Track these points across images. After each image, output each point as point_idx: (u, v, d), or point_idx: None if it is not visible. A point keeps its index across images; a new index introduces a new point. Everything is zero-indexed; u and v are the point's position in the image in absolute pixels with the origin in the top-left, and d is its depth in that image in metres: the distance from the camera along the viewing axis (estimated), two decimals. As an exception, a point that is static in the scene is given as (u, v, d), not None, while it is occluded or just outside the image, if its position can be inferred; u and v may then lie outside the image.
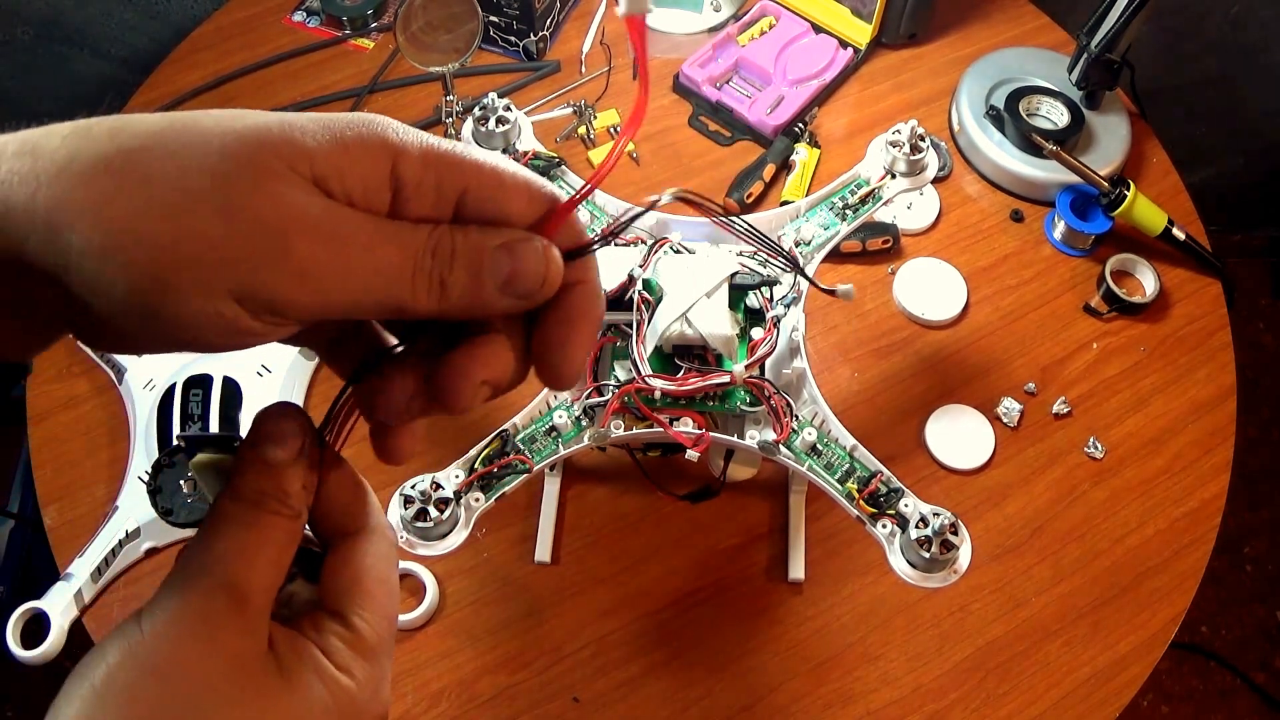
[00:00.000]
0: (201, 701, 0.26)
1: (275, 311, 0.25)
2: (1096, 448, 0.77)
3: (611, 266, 0.59)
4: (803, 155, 0.90)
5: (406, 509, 0.52)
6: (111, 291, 0.23)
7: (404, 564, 0.69)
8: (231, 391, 0.72)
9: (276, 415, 0.30)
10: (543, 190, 0.29)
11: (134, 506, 0.69)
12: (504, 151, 0.63)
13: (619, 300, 0.58)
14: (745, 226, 0.56)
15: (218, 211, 0.23)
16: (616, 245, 0.62)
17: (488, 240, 0.28)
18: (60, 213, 0.23)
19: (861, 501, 0.54)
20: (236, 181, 0.24)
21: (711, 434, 0.56)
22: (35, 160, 0.23)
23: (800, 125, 0.91)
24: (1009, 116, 0.88)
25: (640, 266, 0.58)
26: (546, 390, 0.58)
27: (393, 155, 0.26)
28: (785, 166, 0.90)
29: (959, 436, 0.76)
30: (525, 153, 0.63)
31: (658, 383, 0.55)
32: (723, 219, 0.52)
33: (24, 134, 0.24)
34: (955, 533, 0.52)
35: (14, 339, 0.27)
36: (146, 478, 0.66)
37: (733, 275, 0.58)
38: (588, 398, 0.57)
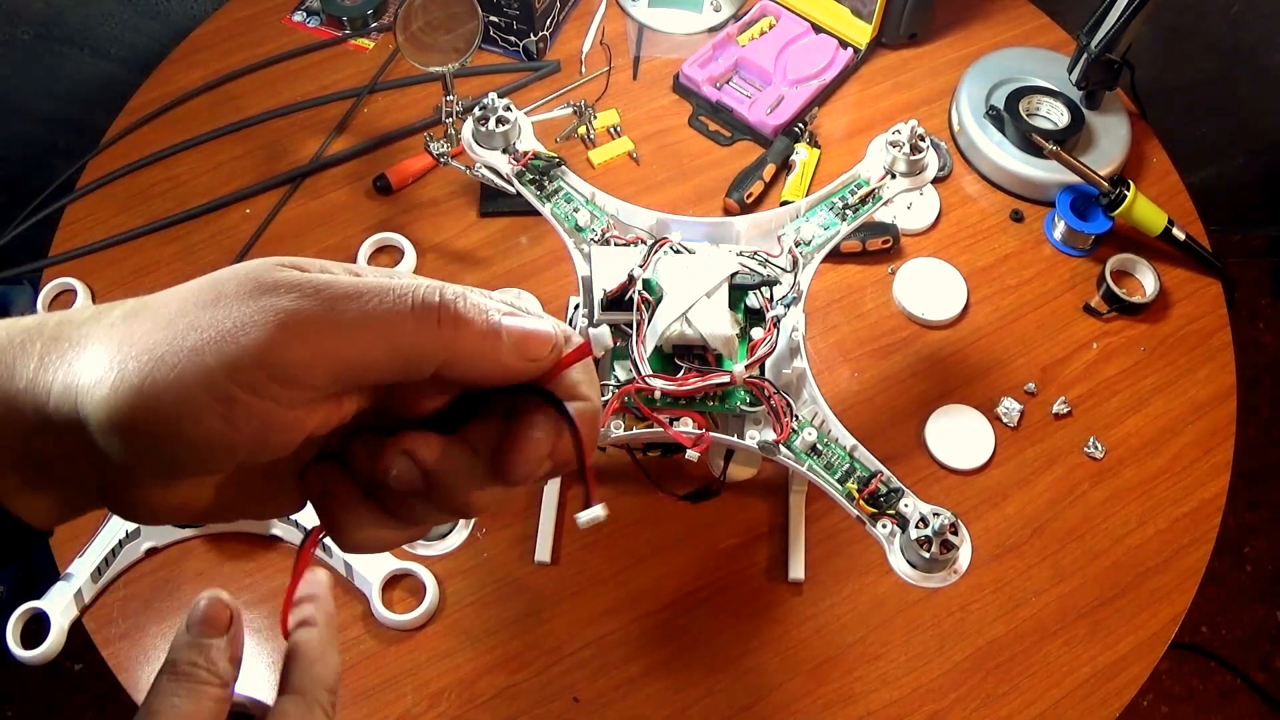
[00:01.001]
0: None
1: (293, 386, 0.26)
2: (1096, 448, 0.77)
3: (611, 266, 0.59)
4: (803, 155, 0.90)
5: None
6: (120, 434, 0.26)
7: (404, 564, 0.69)
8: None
9: (211, 601, 0.33)
10: (555, 345, 0.30)
11: (134, 506, 0.69)
12: (504, 152, 0.63)
13: (619, 300, 0.58)
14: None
15: (216, 311, 0.26)
16: (616, 245, 0.62)
17: (498, 310, 0.29)
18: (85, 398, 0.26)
19: (861, 501, 0.54)
20: (226, 293, 0.26)
21: (711, 434, 0.56)
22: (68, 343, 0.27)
23: (800, 125, 0.91)
24: (1009, 116, 0.88)
25: (640, 266, 0.58)
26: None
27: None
28: (785, 166, 0.90)
29: (959, 436, 0.76)
30: (525, 153, 0.63)
31: (658, 383, 0.55)
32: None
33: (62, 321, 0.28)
34: (955, 533, 0.52)
35: (47, 506, 0.29)
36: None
37: (733, 275, 0.58)
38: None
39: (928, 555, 0.52)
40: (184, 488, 0.29)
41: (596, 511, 0.33)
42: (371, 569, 0.68)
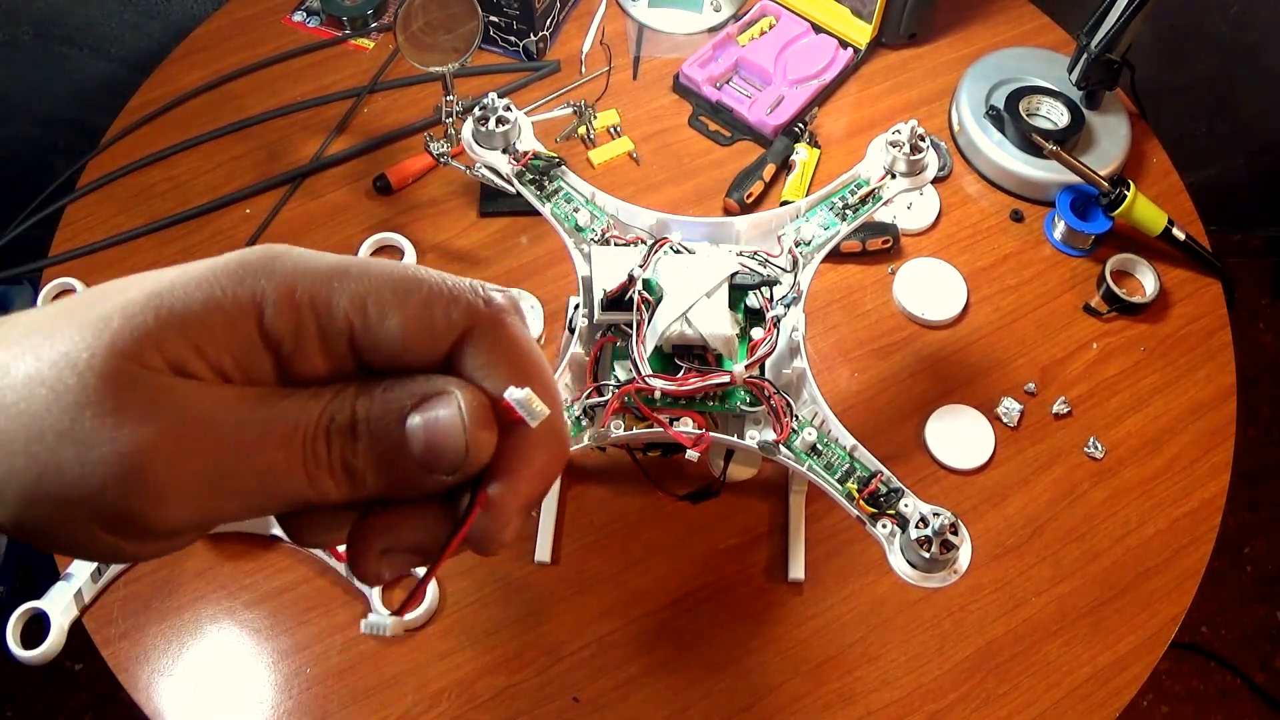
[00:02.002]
0: None
1: (151, 534, 0.22)
2: (1096, 448, 0.77)
3: (611, 266, 0.59)
4: (803, 155, 0.89)
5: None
6: (2, 526, 0.22)
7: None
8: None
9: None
10: (462, 302, 0.24)
11: (134, 506, 0.69)
12: (504, 152, 0.63)
13: (619, 300, 0.58)
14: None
15: (62, 440, 0.21)
16: (616, 245, 0.62)
17: (396, 403, 0.23)
18: None
19: (861, 501, 0.54)
20: (82, 405, 0.21)
21: (711, 434, 0.56)
22: None
23: (800, 125, 0.91)
24: (1009, 116, 0.88)
25: (640, 266, 0.58)
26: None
27: (256, 309, 0.23)
28: (785, 166, 0.90)
29: (959, 436, 0.76)
30: (525, 153, 0.63)
31: (658, 383, 0.55)
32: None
33: None
34: (955, 533, 0.52)
35: None
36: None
37: (733, 275, 0.58)
38: (588, 398, 0.57)
39: (928, 555, 0.52)
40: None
41: (385, 622, 0.26)
42: (371, 569, 0.68)
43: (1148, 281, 0.85)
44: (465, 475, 0.24)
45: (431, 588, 0.68)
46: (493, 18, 0.93)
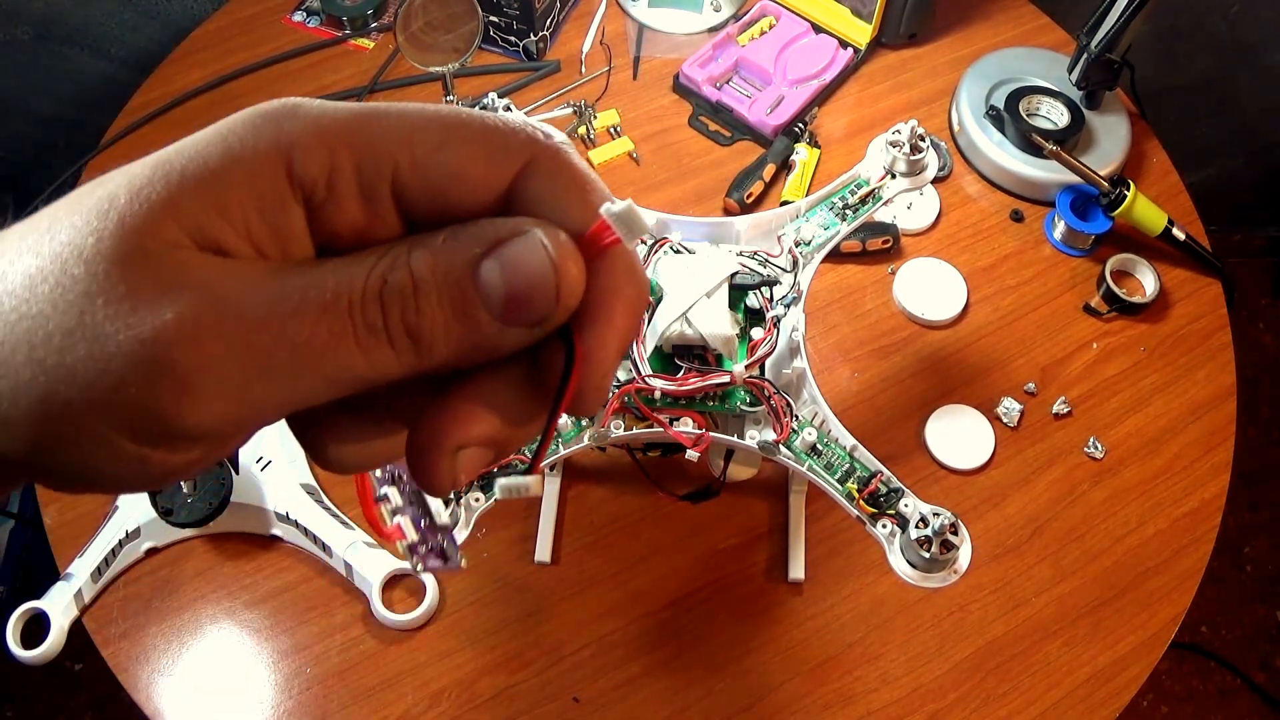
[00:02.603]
0: None
1: (183, 437, 0.19)
2: (1096, 448, 0.77)
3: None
4: (803, 155, 0.89)
5: (406, 509, 0.52)
6: (11, 457, 0.19)
7: (404, 564, 0.69)
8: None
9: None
10: (520, 135, 0.21)
11: (134, 506, 0.69)
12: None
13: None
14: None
15: (71, 339, 0.18)
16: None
17: (461, 253, 0.20)
18: None
19: (861, 501, 0.54)
20: (92, 295, 0.18)
21: (711, 434, 0.56)
22: None
23: (800, 125, 0.91)
24: (1009, 116, 0.88)
25: (640, 266, 0.58)
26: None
27: (282, 154, 0.19)
28: (785, 166, 0.90)
29: (959, 436, 0.76)
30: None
31: (658, 383, 0.55)
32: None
33: None
34: (955, 533, 0.52)
35: None
36: (146, 478, 0.66)
37: (733, 275, 0.58)
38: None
39: (928, 555, 0.52)
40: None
41: (525, 481, 0.23)
42: (372, 569, 0.68)
43: (1148, 281, 0.85)
44: (553, 325, 0.20)
45: (431, 588, 0.68)
46: (493, 18, 0.93)
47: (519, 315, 0.20)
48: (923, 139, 0.63)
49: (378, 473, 0.26)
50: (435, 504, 0.26)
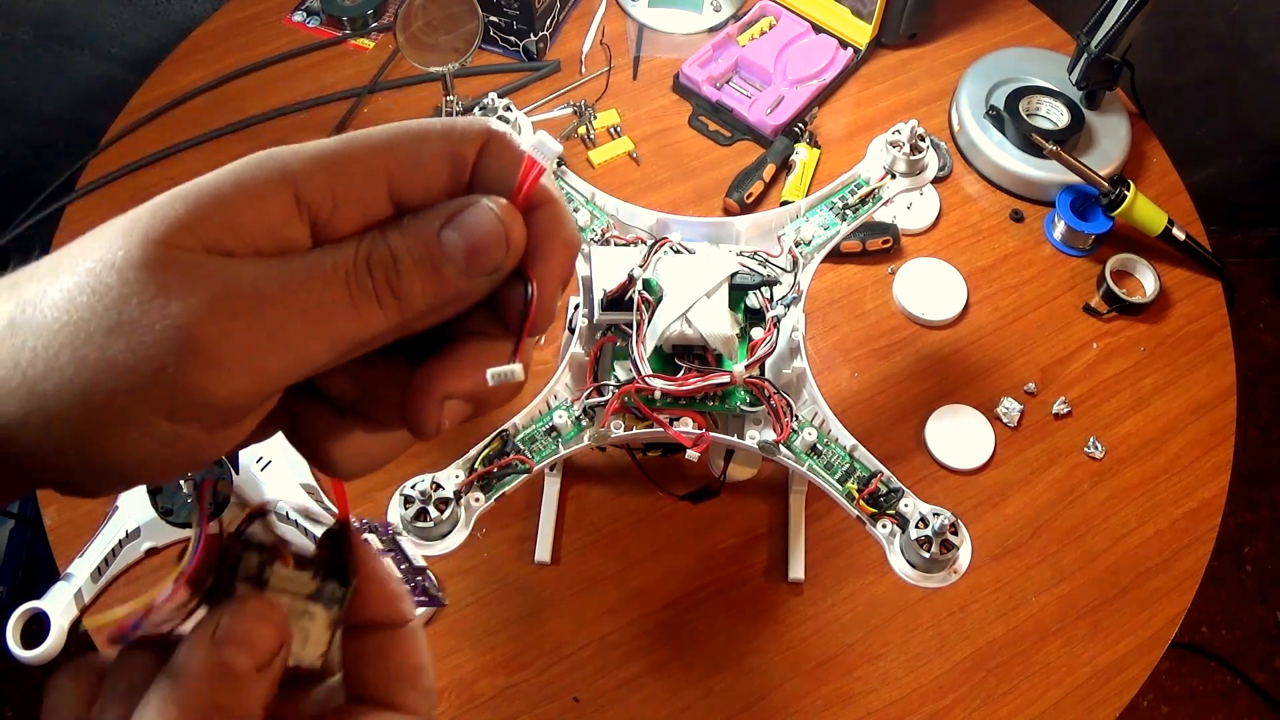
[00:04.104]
0: None
1: (214, 410, 0.22)
2: (1096, 448, 0.77)
3: (611, 266, 0.59)
4: (803, 155, 0.90)
5: (406, 509, 0.52)
6: (45, 457, 0.22)
7: (404, 564, 0.69)
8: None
9: (250, 615, 0.25)
10: (466, 131, 0.26)
11: (134, 506, 0.69)
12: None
13: (619, 300, 0.58)
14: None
15: (111, 335, 0.21)
16: (616, 245, 0.62)
17: (428, 226, 0.24)
18: None
19: (861, 501, 0.54)
20: (127, 296, 0.21)
21: (711, 434, 0.56)
22: None
23: (800, 125, 0.91)
24: (1009, 116, 0.88)
25: (640, 266, 0.58)
26: (547, 390, 0.58)
27: (290, 184, 0.23)
28: (785, 166, 0.90)
29: (959, 436, 0.76)
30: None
31: (658, 383, 0.55)
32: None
33: None
34: (955, 533, 0.52)
35: None
36: (146, 478, 0.66)
37: (733, 275, 0.58)
38: (588, 398, 0.57)
39: (928, 555, 0.52)
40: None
41: (513, 367, 0.26)
42: (371, 569, 0.68)
43: (1148, 281, 0.85)
44: (505, 271, 0.25)
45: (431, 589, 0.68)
46: (493, 18, 0.93)
47: (479, 265, 0.24)
48: (923, 139, 0.63)
49: (356, 522, 0.30)
50: (410, 549, 0.28)
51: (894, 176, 0.64)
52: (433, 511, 0.52)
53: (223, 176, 0.23)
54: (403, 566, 0.26)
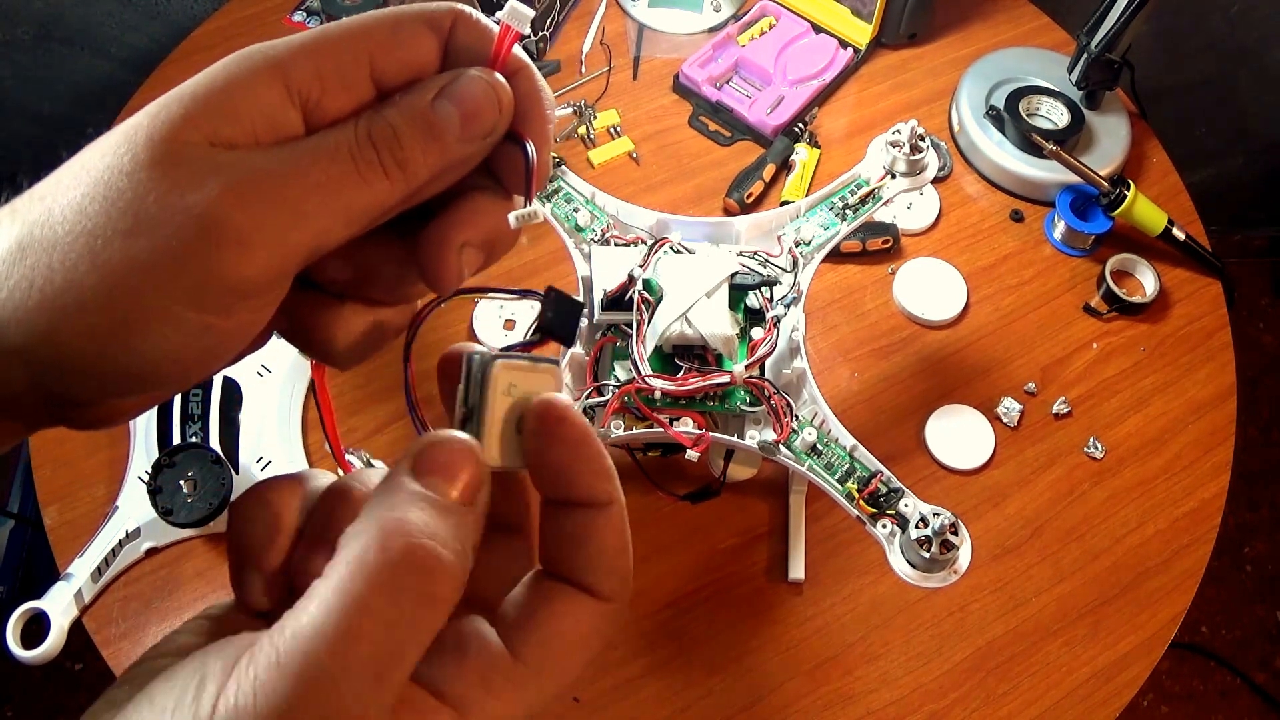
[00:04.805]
0: None
1: (240, 291, 0.23)
2: (1096, 448, 0.77)
3: (611, 266, 0.59)
4: (803, 155, 0.90)
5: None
6: (70, 374, 0.23)
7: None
8: (232, 392, 0.72)
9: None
10: (436, 11, 0.27)
11: (134, 506, 0.69)
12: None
13: (619, 300, 0.58)
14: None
15: (130, 236, 0.22)
16: (616, 245, 0.62)
17: (420, 98, 0.26)
18: None
19: (861, 501, 0.54)
20: (142, 196, 0.22)
21: (711, 434, 0.56)
22: None
23: (800, 125, 0.91)
24: (1009, 116, 0.88)
25: (640, 266, 0.58)
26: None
27: (279, 72, 0.24)
28: (785, 166, 0.90)
29: (959, 436, 0.76)
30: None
31: (658, 383, 0.55)
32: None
33: None
34: (955, 533, 0.52)
35: None
36: (146, 477, 0.66)
37: (733, 275, 0.58)
38: (587, 398, 0.57)
39: (928, 555, 0.52)
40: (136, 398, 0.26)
41: (533, 208, 0.27)
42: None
43: (1148, 281, 0.85)
44: (499, 134, 0.26)
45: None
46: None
47: (475, 129, 0.26)
48: (923, 139, 0.63)
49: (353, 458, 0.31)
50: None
51: (894, 176, 0.64)
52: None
53: (215, 74, 0.24)
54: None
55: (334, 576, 0.21)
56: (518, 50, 0.27)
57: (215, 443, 0.70)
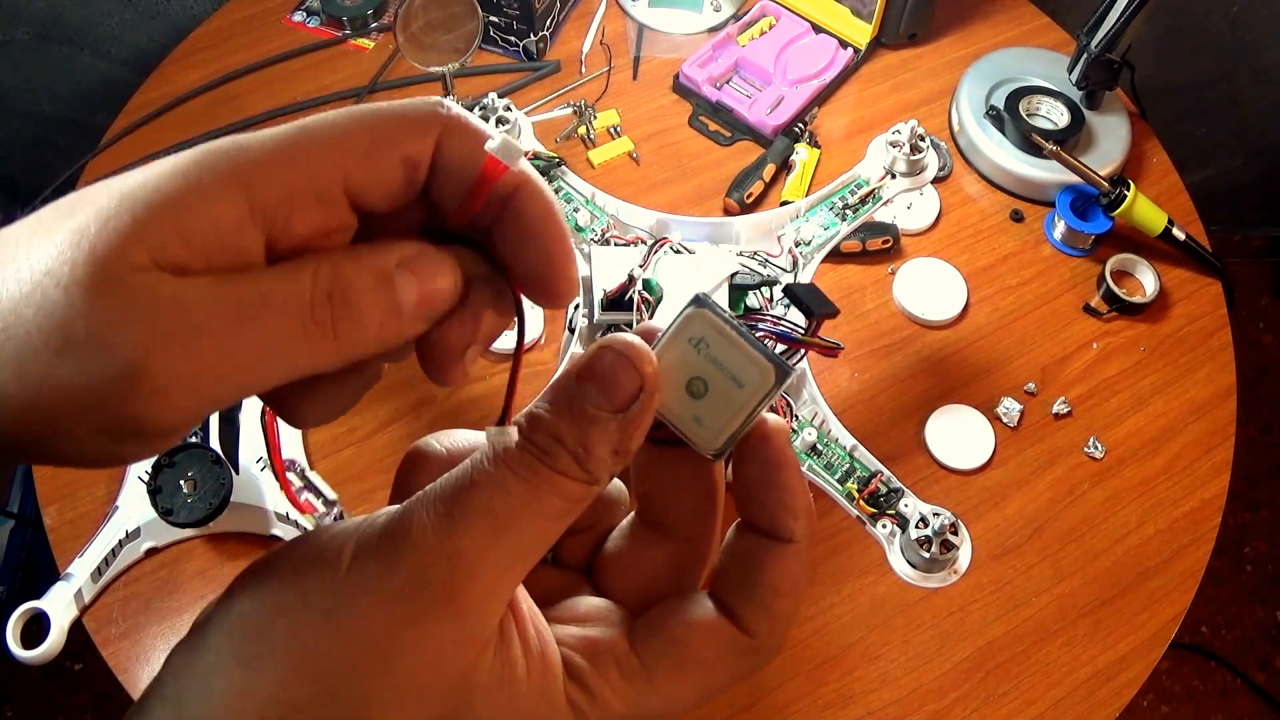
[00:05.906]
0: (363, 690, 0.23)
1: (154, 433, 0.22)
2: (1096, 448, 0.77)
3: (611, 266, 0.59)
4: (803, 155, 0.90)
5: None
6: (7, 447, 0.22)
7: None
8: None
9: (617, 353, 0.25)
10: (426, 115, 0.25)
11: (134, 506, 0.69)
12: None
13: (619, 300, 0.58)
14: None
15: (58, 357, 0.21)
16: (616, 245, 0.62)
17: (385, 260, 0.24)
18: None
19: (861, 501, 0.54)
20: (73, 320, 0.21)
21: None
22: None
23: (800, 125, 0.91)
24: (1009, 116, 0.88)
25: (640, 266, 0.58)
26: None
27: (243, 184, 0.22)
28: (785, 166, 0.90)
29: (959, 436, 0.76)
30: (525, 153, 0.63)
31: (658, 383, 0.55)
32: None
33: None
34: (955, 533, 0.52)
35: None
36: (146, 477, 0.66)
37: (733, 275, 0.58)
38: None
39: (928, 555, 0.52)
40: None
41: (508, 434, 0.25)
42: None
43: (1148, 281, 0.85)
44: (448, 306, 0.25)
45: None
46: (493, 18, 0.93)
47: (427, 312, 0.24)
48: (923, 139, 0.64)
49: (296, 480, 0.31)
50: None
51: (894, 176, 0.64)
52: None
53: (175, 175, 0.22)
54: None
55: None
56: (524, 165, 0.25)
57: (215, 443, 0.70)
